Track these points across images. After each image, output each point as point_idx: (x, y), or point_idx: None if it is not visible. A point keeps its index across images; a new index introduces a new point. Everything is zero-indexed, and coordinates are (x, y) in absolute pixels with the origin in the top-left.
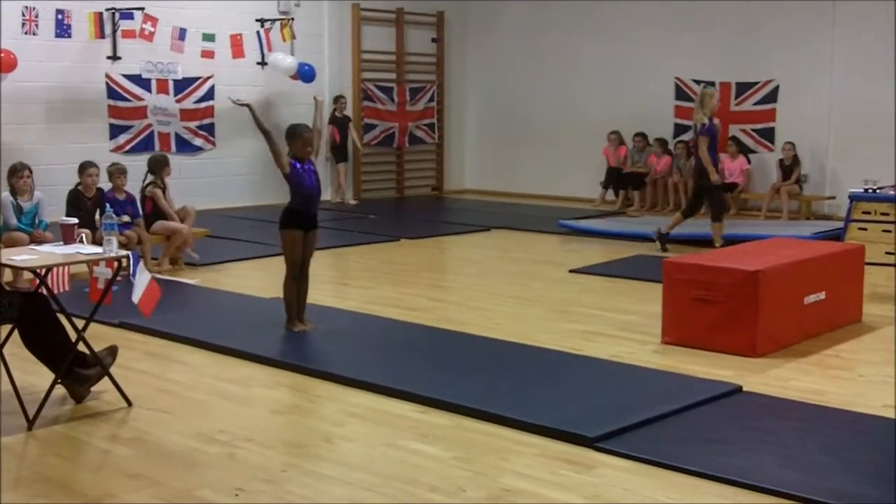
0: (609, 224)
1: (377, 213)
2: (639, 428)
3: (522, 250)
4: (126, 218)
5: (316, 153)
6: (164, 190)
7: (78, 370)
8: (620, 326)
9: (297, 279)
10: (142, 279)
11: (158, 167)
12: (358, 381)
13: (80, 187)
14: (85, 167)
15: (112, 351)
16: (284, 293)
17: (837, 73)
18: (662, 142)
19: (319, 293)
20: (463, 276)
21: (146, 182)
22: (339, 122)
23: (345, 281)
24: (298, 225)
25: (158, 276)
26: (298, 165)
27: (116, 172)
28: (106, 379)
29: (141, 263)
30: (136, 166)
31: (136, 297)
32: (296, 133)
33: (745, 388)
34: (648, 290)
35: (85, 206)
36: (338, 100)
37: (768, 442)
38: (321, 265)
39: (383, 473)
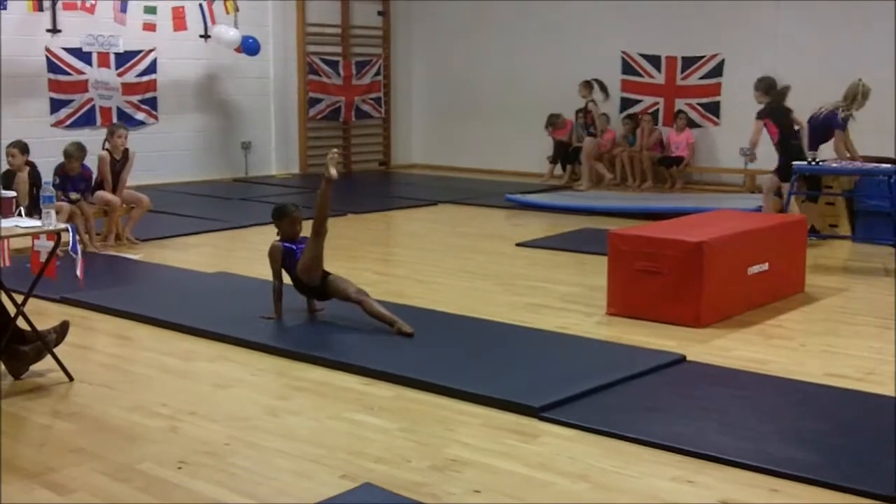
0: (556, 198)
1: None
2: (584, 397)
3: (469, 224)
4: (75, 195)
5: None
6: (121, 161)
7: (15, 346)
8: (566, 298)
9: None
10: (76, 253)
11: (108, 133)
12: (302, 355)
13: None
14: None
15: (62, 328)
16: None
17: (782, 46)
18: (605, 116)
19: (264, 268)
20: (410, 251)
21: None
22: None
23: None
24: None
25: (102, 251)
26: (291, 246)
27: (76, 153)
28: (48, 355)
29: (76, 237)
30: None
31: (78, 271)
32: (284, 213)
33: (688, 358)
34: (594, 263)
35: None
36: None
37: (710, 410)
38: (266, 239)
39: (328, 445)
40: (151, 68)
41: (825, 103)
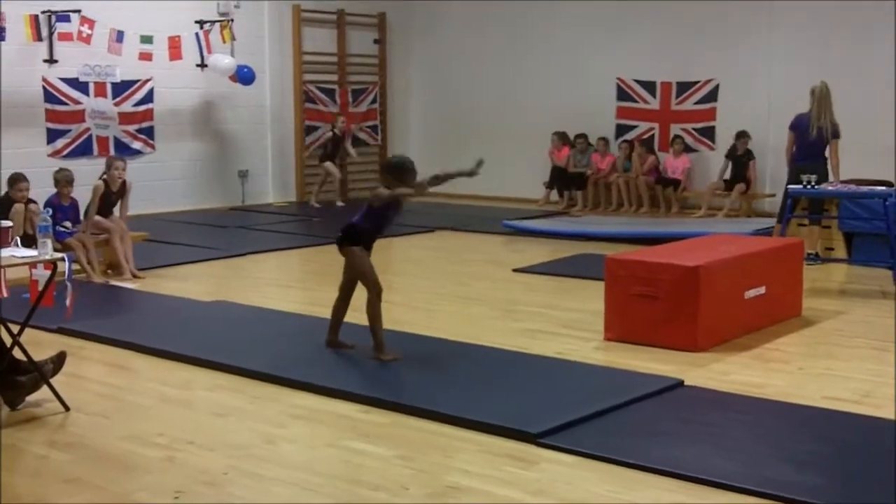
0: (553, 224)
1: (320, 216)
2: (582, 423)
3: (467, 251)
4: (68, 224)
5: None
6: (116, 193)
7: (11, 377)
8: (564, 324)
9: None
10: (70, 282)
11: (106, 166)
12: (300, 382)
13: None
14: (15, 181)
15: (59, 358)
16: (375, 320)
17: (776, 71)
18: (605, 141)
19: (261, 296)
20: (407, 277)
21: None
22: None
23: (287, 283)
24: (364, 244)
25: (98, 280)
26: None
27: (63, 181)
28: (45, 386)
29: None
30: (75, 171)
31: (67, 301)
32: (408, 167)
33: (686, 383)
34: (591, 288)
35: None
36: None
37: (709, 434)
38: (264, 267)
39: (326, 473)
40: (148, 98)
41: (803, 112)
